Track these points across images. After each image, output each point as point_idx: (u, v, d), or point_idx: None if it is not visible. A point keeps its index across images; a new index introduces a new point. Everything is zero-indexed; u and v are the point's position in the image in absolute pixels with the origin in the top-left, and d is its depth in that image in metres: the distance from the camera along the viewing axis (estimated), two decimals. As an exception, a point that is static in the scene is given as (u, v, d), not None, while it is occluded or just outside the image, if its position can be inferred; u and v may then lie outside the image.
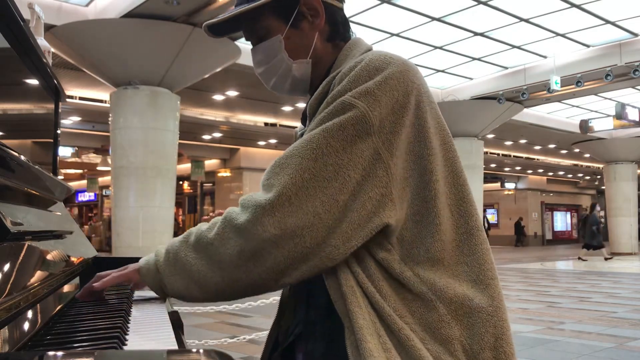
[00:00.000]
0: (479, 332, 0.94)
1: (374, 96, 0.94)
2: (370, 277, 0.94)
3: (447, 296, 0.94)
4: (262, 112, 15.20)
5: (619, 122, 13.97)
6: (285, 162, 0.94)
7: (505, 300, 1.02)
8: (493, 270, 0.99)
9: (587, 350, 4.76)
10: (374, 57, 0.98)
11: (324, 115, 0.95)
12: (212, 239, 0.95)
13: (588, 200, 34.62)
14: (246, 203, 0.94)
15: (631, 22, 10.19)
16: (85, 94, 12.59)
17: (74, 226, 1.53)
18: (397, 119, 0.95)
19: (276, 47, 1.09)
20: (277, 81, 1.13)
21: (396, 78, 0.96)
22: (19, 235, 0.90)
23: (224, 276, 0.95)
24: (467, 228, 0.99)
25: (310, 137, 0.94)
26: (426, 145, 0.97)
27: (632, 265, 15.21)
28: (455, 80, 13.32)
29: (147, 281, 1.02)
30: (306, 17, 1.08)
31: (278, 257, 0.91)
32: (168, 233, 9.38)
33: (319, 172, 0.91)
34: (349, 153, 0.92)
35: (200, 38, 8.35)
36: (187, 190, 22.82)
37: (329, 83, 1.02)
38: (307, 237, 0.91)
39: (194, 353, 0.58)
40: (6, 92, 1.37)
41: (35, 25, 1.97)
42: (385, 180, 0.93)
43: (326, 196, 0.91)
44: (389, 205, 0.94)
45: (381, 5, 9.06)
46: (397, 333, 0.91)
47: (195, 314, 5.58)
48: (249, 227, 0.91)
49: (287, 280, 0.95)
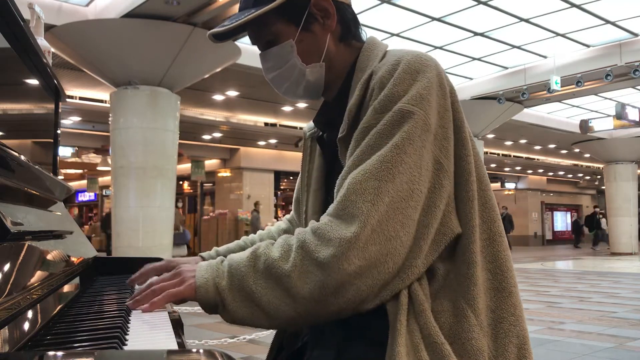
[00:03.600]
0: (502, 343, 0.92)
1: (427, 102, 0.91)
2: (423, 288, 0.92)
3: (477, 306, 0.91)
4: (262, 112, 15.20)
5: (619, 122, 13.97)
6: (362, 187, 0.88)
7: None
8: (514, 277, 0.97)
9: (587, 350, 4.76)
10: (411, 59, 0.95)
11: (386, 128, 0.91)
12: (288, 270, 0.88)
13: (588, 200, 34.64)
14: (327, 235, 0.88)
15: (631, 22, 10.19)
16: (85, 94, 12.58)
17: (74, 226, 1.53)
18: (445, 123, 0.93)
19: (288, 53, 1.04)
20: (289, 87, 1.09)
21: (436, 81, 0.94)
22: (19, 235, 0.90)
23: (298, 309, 0.89)
24: (489, 234, 0.96)
25: (383, 157, 0.89)
26: (464, 145, 0.95)
27: (632, 265, 15.21)
28: (455, 80, 13.32)
29: (203, 302, 0.93)
30: (317, 19, 1.04)
31: (361, 288, 0.87)
32: (168, 233, 9.38)
33: (397, 193, 0.88)
34: (419, 167, 0.89)
35: (200, 38, 8.35)
36: (187, 190, 22.81)
37: (364, 86, 0.98)
38: (390, 262, 0.87)
39: (194, 353, 0.57)
40: (6, 92, 1.37)
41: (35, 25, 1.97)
42: (449, 188, 0.92)
43: (405, 217, 0.88)
44: (453, 212, 0.92)
45: (381, 5, 9.06)
46: (436, 347, 0.87)
47: (195, 314, 5.58)
48: (335, 263, 0.85)
49: (366, 307, 0.90)
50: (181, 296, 0.94)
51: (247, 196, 19.03)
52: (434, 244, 0.90)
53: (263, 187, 19.49)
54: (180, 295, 0.94)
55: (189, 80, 9.75)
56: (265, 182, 19.67)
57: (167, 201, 9.31)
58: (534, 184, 30.32)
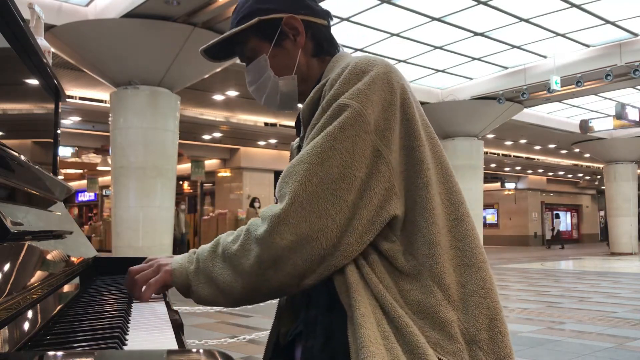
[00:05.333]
0: (473, 315, 0.98)
1: (365, 95, 0.99)
2: (373, 269, 0.99)
3: (444, 282, 0.98)
4: (262, 112, 15.21)
5: (619, 122, 13.97)
6: (294, 170, 0.99)
7: (505, 300, 1.04)
8: (484, 254, 1.04)
9: (587, 350, 4.76)
10: (359, 61, 1.04)
11: (324, 121, 1.00)
12: (235, 250, 1.00)
13: (588, 200, 34.63)
14: (264, 215, 0.99)
15: (631, 22, 10.18)
16: (85, 94, 12.58)
17: (74, 226, 1.53)
18: (389, 116, 1.01)
19: (263, 65, 1.17)
20: (267, 97, 1.21)
21: (381, 78, 1.02)
22: (19, 235, 0.90)
23: (245, 285, 1.00)
24: (457, 215, 1.03)
25: (315, 143, 0.99)
26: (415, 137, 1.02)
27: (632, 265, 15.22)
28: (455, 80, 13.32)
29: (178, 284, 1.07)
30: (288, 36, 1.16)
31: (297, 262, 0.96)
32: (168, 233, 9.37)
33: (326, 175, 0.96)
34: (352, 153, 0.97)
35: (200, 38, 8.35)
36: (187, 190, 22.81)
37: (319, 90, 1.07)
38: (322, 239, 0.95)
39: (194, 353, 0.58)
40: (6, 92, 1.37)
41: (35, 25, 1.97)
42: (388, 174, 0.99)
43: (335, 197, 0.96)
44: (393, 198, 0.99)
45: (381, 5, 9.05)
46: (397, 321, 0.94)
47: (195, 314, 5.58)
48: (267, 237, 0.95)
49: (307, 282, 0.99)
50: (162, 282, 1.08)
51: (247, 196, 19.02)
52: (370, 224, 0.97)
53: (263, 187, 19.49)
54: (161, 280, 1.08)
55: (189, 80, 9.74)
56: (265, 182, 19.66)
57: (167, 201, 9.31)
58: (534, 184, 30.31)
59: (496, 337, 0.98)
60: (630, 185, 20.09)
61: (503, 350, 0.98)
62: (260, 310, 4.94)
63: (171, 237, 9.51)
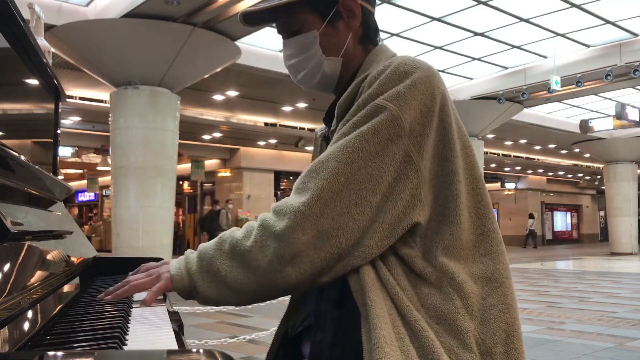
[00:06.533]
0: (491, 328, 0.97)
1: (404, 99, 0.97)
2: (391, 271, 0.98)
3: (464, 291, 0.97)
4: (262, 112, 15.20)
5: (619, 122, 13.97)
6: (322, 166, 0.97)
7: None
8: (508, 270, 1.02)
9: (587, 350, 4.76)
10: (402, 62, 1.01)
11: (358, 119, 0.98)
12: (249, 246, 0.97)
13: (588, 200, 34.63)
14: (282, 210, 0.97)
15: (631, 22, 10.19)
16: (85, 94, 12.58)
17: (74, 226, 1.53)
18: (426, 122, 0.98)
19: (310, 42, 1.12)
20: (305, 75, 1.15)
21: (423, 82, 0.99)
22: (19, 235, 0.90)
23: (260, 282, 0.97)
24: (483, 230, 1.02)
25: (346, 142, 0.97)
26: (450, 147, 1.00)
27: (632, 265, 15.21)
28: (455, 80, 13.32)
29: (178, 288, 1.04)
30: (343, 17, 1.12)
31: (315, 259, 0.95)
32: (168, 233, 9.37)
33: (354, 175, 0.95)
34: (382, 156, 0.96)
35: (200, 38, 8.36)
36: (187, 190, 22.81)
37: (357, 85, 1.05)
38: (342, 237, 0.94)
39: (194, 353, 0.58)
40: (6, 92, 1.37)
41: (35, 25, 1.97)
42: (416, 181, 0.97)
43: (360, 198, 0.95)
44: (418, 205, 0.97)
45: (381, 5, 9.06)
46: (412, 324, 0.93)
47: (195, 314, 5.58)
48: (289, 232, 0.94)
49: (322, 280, 0.98)
50: (164, 289, 1.05)
51: (247, 196, 19.03)
52: (391, 229, 0.96)
53: (263, 187, 19.49)
54: (163, 288, 1.05)
55: (189, 80, 9.75)
56: (265, 182, 19.66)
57: (167, 201, 9.31)
58: (534, 184, 30.31)
59: (511, 352, 0.97)
60: (630, 185, 20.08)
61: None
62: (260, 310, 4.94)
63: (171, 237, 9.51)
